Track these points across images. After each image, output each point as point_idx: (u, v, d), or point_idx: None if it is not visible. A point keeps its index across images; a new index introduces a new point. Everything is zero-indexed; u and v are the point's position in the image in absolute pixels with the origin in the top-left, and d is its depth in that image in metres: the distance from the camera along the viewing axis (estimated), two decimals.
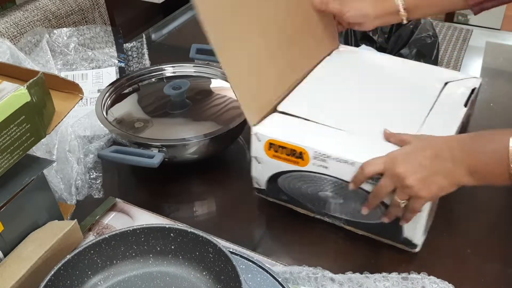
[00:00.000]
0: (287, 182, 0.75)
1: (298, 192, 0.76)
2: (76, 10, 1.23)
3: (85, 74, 1.10)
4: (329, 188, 0.72)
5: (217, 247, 0.60)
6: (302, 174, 0.73)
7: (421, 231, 0.70)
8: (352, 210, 0.73)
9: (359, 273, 0.68)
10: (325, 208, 0.75)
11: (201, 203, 0.87)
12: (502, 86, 1.12)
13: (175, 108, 0.93)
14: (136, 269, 0.64)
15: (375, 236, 0.75)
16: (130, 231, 0.63)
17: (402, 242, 0.72)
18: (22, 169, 0.64)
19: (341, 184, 0.70)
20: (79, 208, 0.80)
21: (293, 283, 0.67)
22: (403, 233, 0.71)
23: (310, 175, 0.72)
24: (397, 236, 0.72)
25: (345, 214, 0.74)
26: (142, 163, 0.79)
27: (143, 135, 0.86)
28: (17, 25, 1.11)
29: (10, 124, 0.58)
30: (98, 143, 0.90)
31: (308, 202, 0.76)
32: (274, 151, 0.73)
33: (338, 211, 0.75)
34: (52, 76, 0.66)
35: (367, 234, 0.75)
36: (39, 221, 0.68)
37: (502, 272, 0.71)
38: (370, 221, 0.72)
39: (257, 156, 0.75)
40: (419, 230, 0.70)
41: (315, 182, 0.73)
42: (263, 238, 0.78)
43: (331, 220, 0.76)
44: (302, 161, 0.71)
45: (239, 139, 0.95)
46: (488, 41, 1.29)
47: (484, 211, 0.81)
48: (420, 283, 0.66)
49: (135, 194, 0.88)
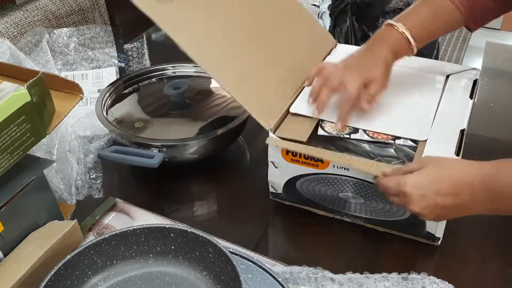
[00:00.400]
0: (306, 185, 0.75)
1: (317, 194, 0.75)
2: (76, 10, 1.23)
3: (85, 74, 1.10)
4: (350, 189, 0.72)
5: (217, 247, 0.60)
6: (322, 176, 0.72)
7: (443, 225, 0.70)
8: (374, 209, 0.73)
9: (359, 273, 0.68)
10: (345, 208, 0.75)
11: (201, 203, 0.87)
12: (502, 86, 1.12)
13: (175, 108, 0.93)
14: (136, 269, 0.64)
15: (396, 232, 0.75)
16: (130, 231, 0.63)
17: (424, 236, 0.73)
18: (22, 169, 0.64)
19: (363, 184, 0.70)
20: (79, 208, 0.80)
21: (293, 283, 0.67)
22: (426, 227, 0.71)
23: (330, 177, 0.72)
24: (419, 231, 0.72)
25: (366, 213, 0.74)
26: (142, 163, 0.79)
27: (143, 135, 0.86)
28: (17, 25, 1.11)
29: (10, 124, 0.58)
30: (98, 143, 0.90)
31: (327, 203, 0.76)
32: (292, 155, 0.72)
33: (359, 210, 0.74)
34: (52, 76, 0.66)
35: (388, 231, 0.75)
36: (39, 221, 0.68)
37: (502, 272, 0.71)
38: (393, 218, 0.72)
39: (274, 160, 0.75)
40: (441, 224, 0.70)
41: (335, 183, 0.72)
42: (263, 238, 0.78)
43: (351, 219, 0.76)
44: (321, 164, 0.71)
45: (239, 139, 0.95)
46: (488, 41, 1.29)
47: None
48: (420, 283, 0.66)
49: (135, 194, 0.88)
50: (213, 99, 0.96)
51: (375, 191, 0.70)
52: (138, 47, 1.22)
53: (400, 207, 0.68)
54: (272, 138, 0.72)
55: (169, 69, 1.03)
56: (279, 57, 0.81)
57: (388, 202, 0.68)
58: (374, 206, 0.72)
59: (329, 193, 0.74)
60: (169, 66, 1.03)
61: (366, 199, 0.72)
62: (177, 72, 1.03)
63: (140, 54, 1.20)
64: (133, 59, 1.19)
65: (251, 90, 0.75)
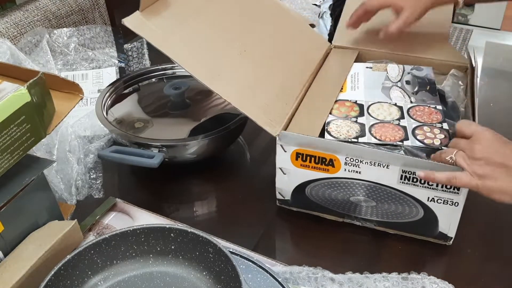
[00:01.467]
0: (315, 190, 0.74)
1: (326, 199, 0.75)
2: (76, 10, 1.23)
3: (85, 74, 1.10)
4: (362, 192, 0.71)
5: (217, 247, 0.60)
6: (333, 181, 0.72)
7: (455, 225, 0.70)
8: (386, 211, 0.72)
9: (359, 273, 0.68)
10: (356, 211, 0.75)
11: (201, 203, 0.87)
12: (502, 86, 1.12)
13: (175, 108, 0.93)
14: (136, 269, 0.64)
15: (408, 233, 0.74)
16: (130, 231, 0.63)
17: (436, 236, 0.72)
18: (22, 169, 0.64)
19: (375, 187, 0.70)
20: (79, 208, 0.80)
21: (293, 283, 0.67)
22: (439, 228, 0.71)
23: (342, 181, 0.71)
24: (432, 231, 0.72)
25: (377, 216, 0.74)
26: (142, 163, 0.79)
27: (143, 135, 0.86)
28: (17, 25, 1.11)
29: (10, 124, 0.58)
30: (98, 143, 0.90)
31: (337, 207, 0.75)
32: (302, 160, 0.72)
33: (370, 213, 0.74)
34: (52, 76, 0.66)
35: (399, 233, 0.75)
36: (39, 221, 0.68)
37: (502, 272, 0.71)
38: (405, 220, 0.72)
39: (282, 167, 0.74)
40: (454, 224, 0.70)
41: (346, 187, 0.72)
42: (263, 238, 0.78)
43: (361, 223, 0.76)
44: (332, 168, 0.70)
45: (239, 139, 0.95)
46: (488, 41, 1.29)
47: (484, 211, 0.81)
48: (420, 283, 0.66)
49: (135, 194, 0.88)
50: (213, 99, 0.96)
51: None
52: (138, 47, 1.22)
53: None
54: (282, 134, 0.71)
55: (169, 69, 1.03)
56: (276, 63, 0.81)
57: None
58: (386, 209, 0.72)
59: (340, 197, 0.73)
60: (169, 66, 1.03)
61: (378, 202, 0.72)
62: (177, 72, 1.03)
63: (140, 54, 1.20)
64: (133, 59, 1.19)
65: (253, 98, 0.75)
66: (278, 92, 0.78)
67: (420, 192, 0.68)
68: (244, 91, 0.75)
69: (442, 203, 0.68)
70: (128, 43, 1.23)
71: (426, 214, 0.70)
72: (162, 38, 0.72)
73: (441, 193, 0.67)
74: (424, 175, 0.65)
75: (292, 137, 0.71)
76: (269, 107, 0.75)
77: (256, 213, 0.82)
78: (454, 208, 0.68)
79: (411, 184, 0.67)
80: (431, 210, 0.69)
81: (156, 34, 0.72)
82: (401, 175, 0.67)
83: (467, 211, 0.81)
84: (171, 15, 0.76)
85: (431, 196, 0.68)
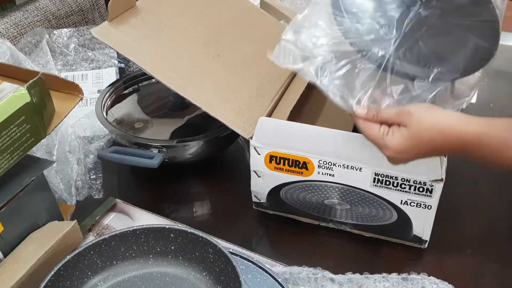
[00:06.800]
0: (290, 193, 0.74)
1: (301, 202, 0.75)
2: (76, 11, 1.23)
3: (85, 74, 1.10)
4: (336, 195, 0.72)
5: (217, 248, 0.60)
6: (307, 184, 0.72)
7: (429, 228, 0.70)
8: (360, 214, 0.72)
9: (359, 274, 0.68)
10: (331, 214, 0.75)
11: (201, 204, 0.87)
12: (502, 86, 1.12)
13: (175, 108, 0.93)
14: (136, 269, 0.64)
15: (383, 236, 0.75)
16: (130, 231, 0.63)
17: (411, 240, 0.72)
18: (22, 169, 0.64)
19: (349, 190, 0.70)
20: (79, 208, 0.79)
21: (293, 283, 0.67)
22: (413, 231, 0.71)
23: (315, 184, 0.71)
24: (406, 234, 0.72)
25: (352, 219, 0.74)
26: (142, 163, 0.79)
27: (143, 135, 0.86)
28: (17, 26, 1.11)
29: (10, 124, 0.58)
30: (98, 144, 0.89)
31: (312, 210, 0.76)
32: (276, 163, 0.72)
33: (345, 216, 0.74)
34: (52, 76, 0.66)
35: (375, 236, 0.75)
36: (39, 222, 0.68)
37: (502, 272, 0.71)
38: (379, 223, 0.72)
39: (257, 170, 0.74)
40: (428, 227, 0.70)
41: (320, 190, 0.72)
42: (262, 238, 0.78)
43: (337, 226, 0.76)
44: (306, 171, 0.70)
45: (239, 139, 0.95)
46: None
47: (484, 211, 0.81)
48: (420, 283, 0.66)
49: (135, 194, 0.88)
50: None
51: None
52: None
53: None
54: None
55: None
56: (252, 67, 0.81)
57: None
58: (361, 212, 0.72)
59: (314, 200, 0.74)
60: None
61: (352, 205, 0.72)
62: None
63: None
64: None
65: (226, 102, 0.75)
66: (253, 96, 0.78)
67: (393, 195, 0.68)
68: (217, 95, 0.75)
69: (415, 206, 0.68)
70: None
71: (400, 217, 0.70)
72: (131, 47, 0.73)
73: (414, 196, 0.67)
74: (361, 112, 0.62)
75: (264, 146, 0.71)
76: (242, 110, 0.75)
77: (256, 213, 0.82)
78: (427, 211, 0.68)
79: (384, 187, 0.68)
80: (404, 213, 0.69)
81: (125, 42, 0.73)
82: (374, 178, 0.67)
83: (466, 211, 0.81)
84: (142, 23, 0.77)
85: (404, 199, 0.68)
